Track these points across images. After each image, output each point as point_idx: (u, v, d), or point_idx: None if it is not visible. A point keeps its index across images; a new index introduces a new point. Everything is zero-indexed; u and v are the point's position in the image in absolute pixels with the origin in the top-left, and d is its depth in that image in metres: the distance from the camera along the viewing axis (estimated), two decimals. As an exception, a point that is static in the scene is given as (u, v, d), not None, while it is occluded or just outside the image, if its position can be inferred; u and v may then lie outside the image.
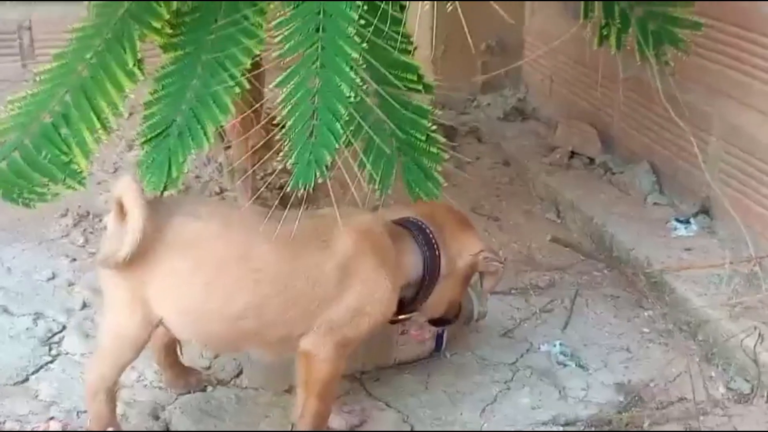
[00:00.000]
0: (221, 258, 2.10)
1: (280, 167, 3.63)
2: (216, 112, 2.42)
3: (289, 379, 2.53)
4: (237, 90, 2.41)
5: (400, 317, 2.34)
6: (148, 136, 2.47)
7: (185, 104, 2.45)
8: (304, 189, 1.99)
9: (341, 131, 2.01)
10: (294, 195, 2.34)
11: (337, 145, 2.01)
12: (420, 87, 2.45)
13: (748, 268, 2.76)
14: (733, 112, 3.01)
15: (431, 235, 2.28)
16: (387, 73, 2.36)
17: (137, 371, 2.62)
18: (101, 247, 2.19)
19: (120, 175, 2.42)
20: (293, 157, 2.02)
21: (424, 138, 2.39)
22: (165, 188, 2.46)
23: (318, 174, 1.99)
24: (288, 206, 2.17)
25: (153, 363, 2.65)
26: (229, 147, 3.23)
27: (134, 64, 2.48)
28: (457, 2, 2.29)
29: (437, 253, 2.27)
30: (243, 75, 2.41)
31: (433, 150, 2.41)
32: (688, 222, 3.19)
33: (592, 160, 3.76)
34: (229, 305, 2.10)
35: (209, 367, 2.59)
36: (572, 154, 3.80)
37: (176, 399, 2.50)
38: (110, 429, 2.18)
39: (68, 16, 2.76)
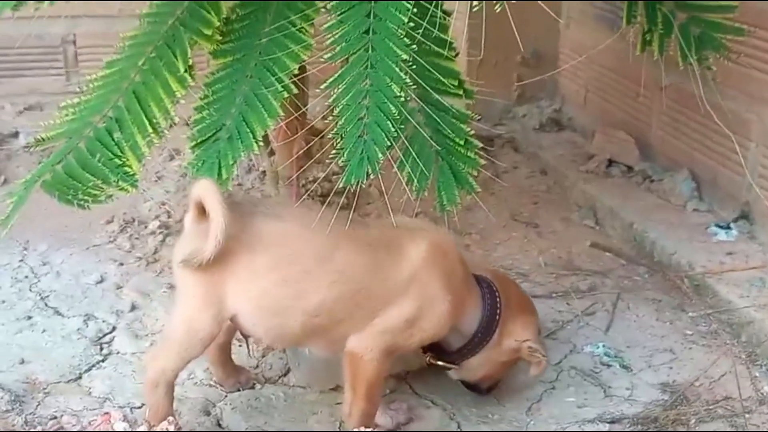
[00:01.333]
0: (304, 257, 2.19)
1: (322, 175, 3.71)
2: (264, 115, 2.47)
3: (335, 378, 2.57)
4: (285, 94, 2.47)
5: (438, 363, 2.40)
6: (199, 140, 2.53)
7: (234, 108, 2.51)
8: (357, 186, 2.04)
9: (392, 129, 2.06)
10: (338, 203, 2.40)
11: (388, 143, 2.06)
12: (461, 92, 2.49)
13: (790, 270, 2.77)
14: (773, 117, 3.03)
15: (498, 298, 2.33)
16: (430, 77, 2.40)
17: (188, 369, 2.66)
18: (179, 246, 2.25)
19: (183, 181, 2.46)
20: (345, 155, 2.07)
21: (462, 142, 2.43)
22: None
23: (370, 171, 2.04)
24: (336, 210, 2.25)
25: (203, 362, 2.70)
26: (273, 153, 3.29)
27: (185, 70, 2.55)
28: (502, 6, 2.32)
29: (497, 317, 2.32)
30: (290, 79, 2.47)
31: (471, 155, 2.45)
32: (728, 227, 3.20)
33: (630, 169, 3.78)
34: (306, 302, 2.17)
35: (257, 366, 2.63)
36: (610, 162, 3.83)
37: (226, 396, 2.55)
38: (168, 420, 2.22)
39: (112, 30, 2.84)
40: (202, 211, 2.17)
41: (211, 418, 2.45)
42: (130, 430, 1.94)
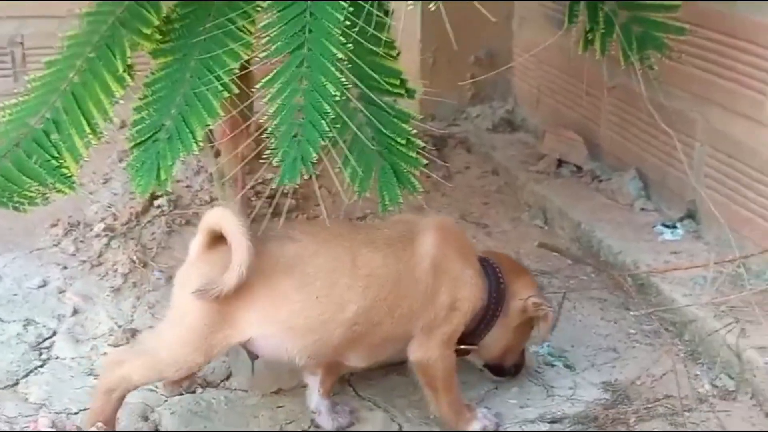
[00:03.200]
0: (329, 271, 2.20)
1: (271, 176, 3.67)
2: (204, 115, 2.44)
3: (277, 381, 2.56)
4: (225, 93, 2.44)
5: (461, 347, 2.40)
6: (138, 140, 2.49)
7: (174, 108, 2.47)
8: (290, 185, 2.02)
9: (327, 129, 2.04)
10: (286, 203, 2.37)
11: (322, 142, 2.04)
12: (402, 91, 2.47)
13: (733, 269, 2.78)
14: (718, 117, 3.04)
15: (498, 269, 2.40)
16: (371, 77, 2.38)
17: (127, 374, 2.64)
18: (185, 273, 2.23)
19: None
20: (279, 155, 2.05)
21: (404, 142, 2.42)
22: (153, 191, 2.50)
23: (304, 171, 2.02)
24: (283, 214, 2.32)
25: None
26: (219, 154, 3.25)
27: (124, 70, 2.51)
28: (444, 13, 2.32)
29: (502, 285, 2.38)
30: (231, 78, 2.44)
31: (412, 154, 2.43)
32: (674, 227, 3.22)
33: (579, 168, 3.79)
34: (344, 313, 2.19)
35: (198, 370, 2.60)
36: (560, 162, 3.84)
37: (166, 401, 2.52)
38: (101, 425, 2.18)
39: (60, 31, 2.79)
40: (212, 239, 2.17)
41: (149, 423, 2.42)
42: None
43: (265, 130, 3.04)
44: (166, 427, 2.41)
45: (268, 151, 2.13)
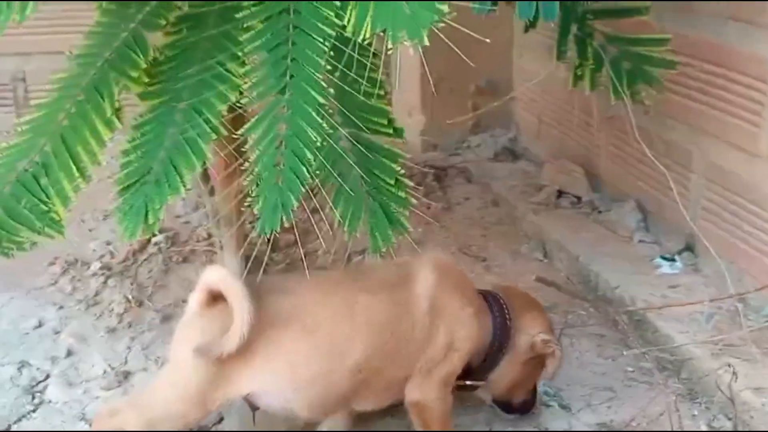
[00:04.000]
0: (327, 320, 2.18)
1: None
2: (192, 158, 2.43)
3: (270, 426, 2.53)
4: (214, 136, 2.43)
5: (467, 383, 2.39)
6: (126, 184, 2.48)
7: (162, 151, 2.46)
8: (270, 234, 2.00)
9: (308, 176, 2.03)
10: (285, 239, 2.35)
11: (303, 190, 2.03)
12: (390, 131, 2.45)
13: (731, 303, 2.74)
14: (715, 149, 3.01)
15: (504, 305, 2.38)
16: (357, 117, 2.37)
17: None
18: (185, 328, 2.21)
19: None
20: (260, 203, 2.04)
21: (392, 182, 2.40)
22: (141, 234, 2.49)
23: (284, 219, 2.01)
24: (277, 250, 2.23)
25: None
26: (214, 192, 3.25)
27: (112, 113, 2.51)
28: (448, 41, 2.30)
29: (508, 321, 2.36)
30: (220, 121, 2.44)
31: (401, 194, 2.41)
32: (673, 260, 3.18)
33: (579, 199, 3.76)
34: (345, 363, 2.17)
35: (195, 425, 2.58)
36: (560, 193, 3.81)
37: (157, 445, 2.50)
38: None
39: (61, 68, 2.80)
40: (212, 296, 2.16)
41: (140, 468, 2.40)
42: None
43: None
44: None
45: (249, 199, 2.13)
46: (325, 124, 2.08)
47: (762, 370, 2.46)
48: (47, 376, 2.79)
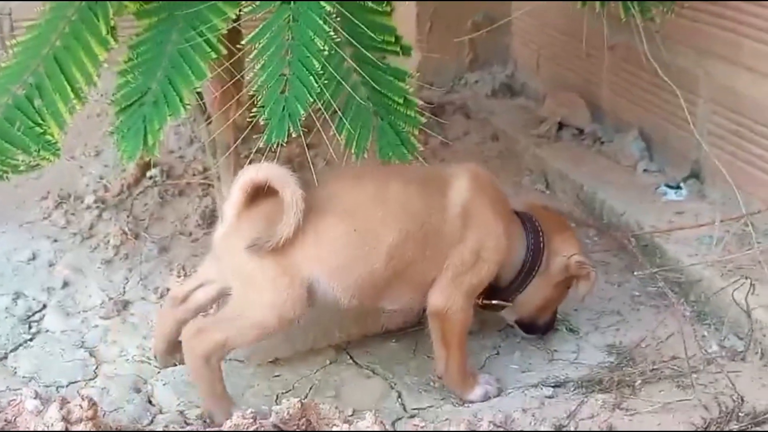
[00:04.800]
0: (362, 205, 2.19)
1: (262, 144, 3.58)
2: (191, 77, 2.37)
3: (274, 350, 2.49)
4: (213, 54, 2.36)
5: (494, 302, 2.37)
6: (123, 105, 2.43)
7: (160, 71, 2.40)
8: (277, 144, 1.94)
9: (315, 84, 1.97)
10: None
11: (310, 99, 1.96)
12: (397, 49, 2.39)
13: (739, 227, 2.70)
14: (722, 72, 2.95)
15: (537, 225, 2.35)
16: (363, 34, 2.30)
17: (119, 346, 2.59)
18: (225, 234, 2.20)
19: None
20: (266, 113, 1.97)
21: (401, 101, 2.34)
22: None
23: (291, 128, 1.94)
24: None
25: (136, 338, 2.61)
26: (210, 122, 3.17)
27: (107, 32, 2.43)
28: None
29: (542, 243, 2.33)
30: (218, 39, 2.36)
31: (410, 113, 2.36)
32: (678, 187, 3.14)
33: (581, 131, 3.70)
34: (378, 247, 2.16)
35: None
36: (561, 125, 3.75)
37: (159, 372, 2.46)
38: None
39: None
40: (251, 197, 2.16)
41: (141, 395, 2.36)
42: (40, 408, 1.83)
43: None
44: (158, 399, 2.35)
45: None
46: (333, 34, 2.02)
47: (774, 289, 2.42)
48: (44, 306, 2.73)
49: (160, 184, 3.33)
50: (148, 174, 3.38)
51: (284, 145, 2.52)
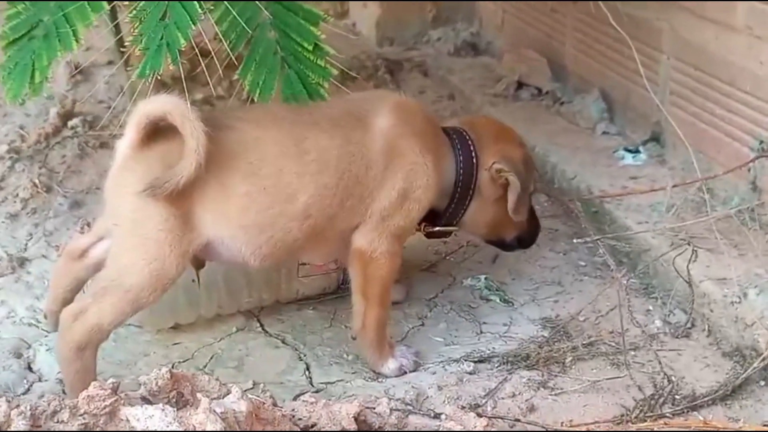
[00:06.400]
0: (275, 157, 1.93)
1: (200, 96, 3.34)
2: (88, 10, 2.14)
3: (175, 316, 2.26)
4: (114, -17, 2.13)
5: (436, 229, 2.17)
6: (11, 38, 2.22)
7: (54, 2, 2.16)
8: (152, 77, 1.70)
9: (199, 10, 1.72)
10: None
11: (193, 27, 1.72)
12: (312, -13, 2.14)
13: (696, 193, 2.46)
14: (686, 25, 2.70)
15: (469, 140, 2.13)
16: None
17: (8, 306, 2.36)
18: (119, 176, 1.92)
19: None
20: (143, 42, 1.73)
21: (311, 48, 2.09)
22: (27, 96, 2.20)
23: (170, 59, 1.70)
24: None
25: (27, 298, 2.38)
26: (131, 68, 2.93)
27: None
28: None
29: (473, 159, 2.11)
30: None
31: (320, 63, 2.11)
32: (637, 151, 2.90)
33: (540, 91, 3.45)
34: (294, 204, 1.93)
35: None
36: (520, 84, 3.50)
37: (46, 336, 2.23)
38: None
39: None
40: (147, 135, 1.88)
41: (21, 360, 2.13)
42: None
43: (202, 50, 2.68)
44: (39, 366, 2.12)
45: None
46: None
47: (726, 260, 2.18)
48: (-60, 263, 2.50)
49: (81, 135, 3.09)
50: (70, 124, 3.14)
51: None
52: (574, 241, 2.37)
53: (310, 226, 1.96)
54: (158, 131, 1.90)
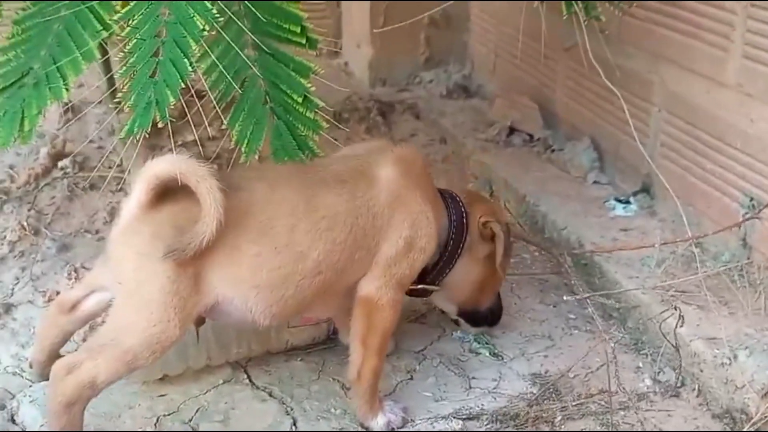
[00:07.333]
0: (284, 217, 1.93)
1: (192, 138, 3.32)
2: (79, 58, 2.13)
3: (163, 367, 2.24)
4: (104, 33, 2.12)
5: (419, 287, 2.17)
6: (1, 86, 2.20)
7: (45, 49, 2.16)
8: (140, 134, 1.69)
9: (189, 68, 1.72)
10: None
11: (182, 85, 1.71)
12: (302, 40, 2.13)
13: (687, 248, 2.46)
14: (676, 78, 2.71)
15: (460, 201, 2.18)
16: (266, 21, 2.05)
17: (-7, 355, 2.33)
18: (125, 237, 1.88)
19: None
20: (132, 99, 1.72)
21: (300, 99, 2.09)
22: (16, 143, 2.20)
23: (158, 117, 1.69)
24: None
25: (12, 345, 2.36)
26: (120, 108, 2.92)
27: (-8, 6, 2.20)
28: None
29: (464, 219, 2.16)
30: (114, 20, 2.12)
31: (309, 115, 2.10)
32: (627, 202, 2.90)
33: (531, 137, 3.46)
34: (305, 262, 1.94)
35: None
36: (512, 130, 3.51)
37: (31, 386, 2.20)
38: None
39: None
40: (158, 196, 1.85)
41: (4, 412, 2.10)
42: None
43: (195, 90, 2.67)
44: (22, 417, 2.10)
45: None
46: (215, 11, 1.76)
47: (716, 319, 2.18)
48: (-70, 312, 2.47)
49: (71, 176, 3.07)
50: (60, 164, 3.13)
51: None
52: (565, 298, 2.36)
53: (320, 281, 1.97)
54: (166, 191, 1.88)
